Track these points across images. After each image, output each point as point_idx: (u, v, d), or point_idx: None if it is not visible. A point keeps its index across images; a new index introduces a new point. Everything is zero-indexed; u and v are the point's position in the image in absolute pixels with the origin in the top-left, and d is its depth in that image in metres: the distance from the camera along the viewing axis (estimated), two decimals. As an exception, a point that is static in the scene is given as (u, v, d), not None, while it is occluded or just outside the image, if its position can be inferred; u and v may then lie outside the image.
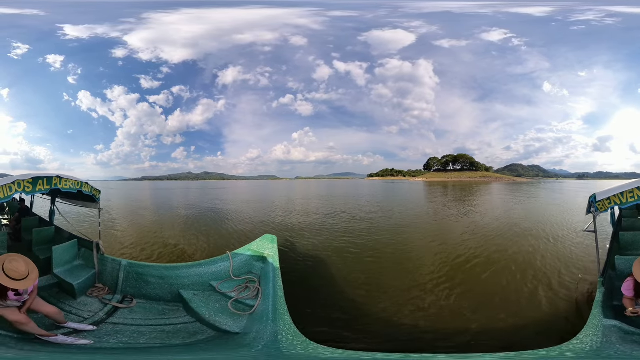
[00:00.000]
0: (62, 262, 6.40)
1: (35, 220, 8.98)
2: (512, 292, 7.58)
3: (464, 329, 6.06)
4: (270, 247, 6.85)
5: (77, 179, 6.24)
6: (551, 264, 9.31)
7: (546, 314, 6.54)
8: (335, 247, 11.68)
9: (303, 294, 6.90)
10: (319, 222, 17.41)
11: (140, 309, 5.72)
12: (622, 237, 6.80)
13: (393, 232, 14.30)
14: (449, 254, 10.50)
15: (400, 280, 8.39)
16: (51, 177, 5.58)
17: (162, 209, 25.86)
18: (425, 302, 7.19)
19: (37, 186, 5.33)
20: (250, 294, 5.77)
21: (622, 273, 5.33)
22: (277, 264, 6.18)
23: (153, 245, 12.40)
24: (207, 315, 5.31)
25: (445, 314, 6.72)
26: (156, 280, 6.18)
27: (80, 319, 5.26)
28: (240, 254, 6.78)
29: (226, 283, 6.19)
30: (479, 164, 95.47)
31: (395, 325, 6.34)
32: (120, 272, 6.37)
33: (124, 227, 16.14)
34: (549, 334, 5.70)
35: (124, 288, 6.22)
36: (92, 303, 5.79)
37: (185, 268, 6.40)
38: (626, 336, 4.17)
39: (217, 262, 6.55)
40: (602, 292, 4.98)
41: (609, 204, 5.10)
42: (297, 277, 8.33)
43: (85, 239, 7.03)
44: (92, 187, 6.71)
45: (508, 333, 5.94)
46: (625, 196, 4.89)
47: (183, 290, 6.00)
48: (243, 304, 5.57)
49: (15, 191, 4.97)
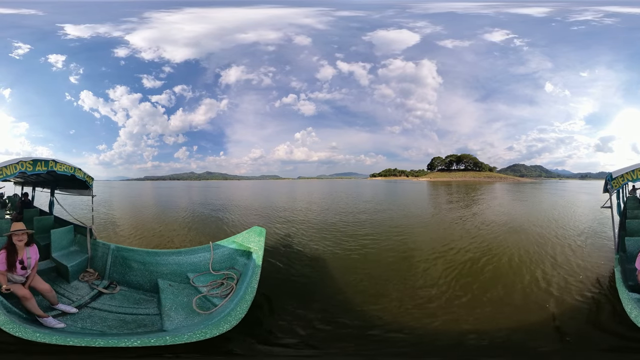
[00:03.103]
0: (59, 246, 6.88)
1: (36, 211, 9.66)
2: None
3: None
4: (256, 240, 6.19)
5: (70, 165, 6.76)
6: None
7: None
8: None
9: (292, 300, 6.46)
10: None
11: (120, 296, 5.87)
12: (629, 225, 7.28)
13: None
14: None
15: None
16: (48, 160, 6.29)
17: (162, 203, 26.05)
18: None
19: (37, 167, 6.06)
20: (220, 292, 5.42)
21: (632, 254, 5.82)
22: (259, 261, 5.66)
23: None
24: (166, 308, 5.15)
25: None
26: (138, 266, 6.31)
27: (69, 301, 5.62)
28: (223, 245, 6.36)
29: (203, 277, 5.97)
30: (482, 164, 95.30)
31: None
32: (108, 257, 6.61)
33: (120, 214, 16.49)
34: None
35: (110, 274, 6.53)
36: (82, 287, 6.10)
37: (165, 255, 6.35)
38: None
39: (197, 252, 6.29)
40: (619, 269, 5.42)
41: (622, 181, 5.91)
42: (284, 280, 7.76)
43: (80, 226, 7.47)
44: (85, 173, 7.11)
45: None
46: (636, 173, 5.71)
47: (160, 280, 6.00)
48: (209, 302, 5.29)
49: (18, 170, 5.74)
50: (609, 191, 6.36)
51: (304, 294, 7.07)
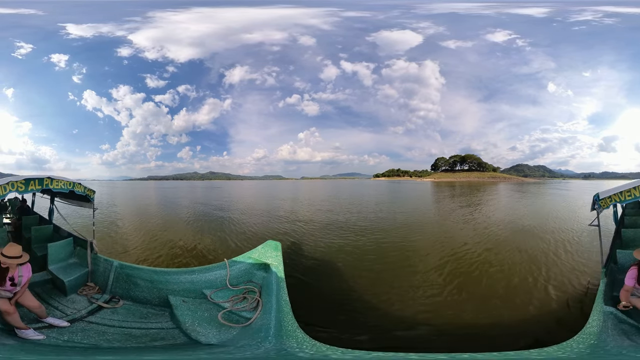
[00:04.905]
0: (57, 259, 6.55)
1: (35, 218, 9.17)
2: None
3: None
4: (273, 254, 6.35)
5: (68, 180, 6.37)
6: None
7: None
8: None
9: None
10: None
11: (124, 311, 5.67)
12: (624, 234, 7.12)
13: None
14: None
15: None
16: (42, 178, 5.84)
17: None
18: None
19: (29, 186, 5.63)
20: (247, 306, 5.41)
21: (623, 266, 5.76)
22: (281, 274, 5.71)
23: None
24: (188, 323, 5.07)
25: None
26: (145, 284, 6.09)
27: (63, 315, 5.32)
28: (239, 261, 6.38)
29: (221, 292, 5.89)
30: (486, 164, 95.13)
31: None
32: (111, 273, 6.35)
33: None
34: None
35: (113, 288, 6.23)
36: (80, 301, 5.83)
37: (176, 274, 6.23)
38: (619, 324, 4.50)
39: (213, 270, 6.26)
40: (605, 282, 5.36)
41: (610, 202, 5.74)
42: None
43: (80, 238, 7.10)
44: (85, 187, 6.77)
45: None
46: (623, 195, 5.53)
47: (172, 296, 5.83)
48: (237, 316, 5.23)
49: (9, 191, 5.26)
50: (596, 210, 6.18)
51: (332, 301, 7.11)
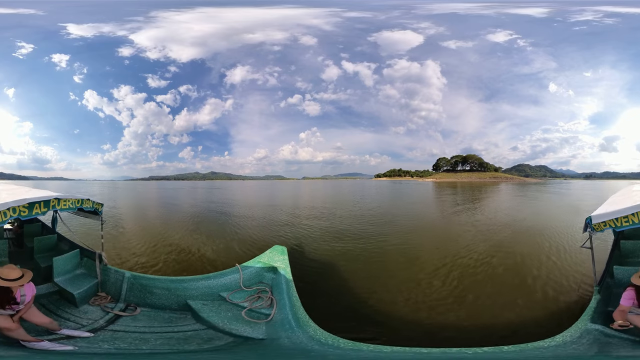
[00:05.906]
0: (63, 271, 6.31)
1: (38, 226, 8.75)
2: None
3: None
4: (280, 258, 6.81)
5: (76, 197, 5.96)
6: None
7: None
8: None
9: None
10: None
11: (144, 317, 5.62)
12: (623, 246, 6.91)
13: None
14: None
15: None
16: (48, 200, 5.31)
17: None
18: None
19: (34, 210, 5.07)
20: (263, 304, 5.80)
21: (620, 282, 5.53)
22: (289, 275, 6.16)
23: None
24: (219, 323, 5.29)
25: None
26: (162, 292, 6.08)
27: (79, 325, 5.12)
28: (249, 266, 6.72)
29: (237, 294, 6.13)
30: (488, 164, 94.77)
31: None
32: (123, 283, 6.23)
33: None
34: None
35: (127, 297, 6.12)
36: (94, 311, 5.69)
37: (192, 280, 6.29)
38: (605, 338, 4.33)
39: (226, 275, 6.53)
40: (597, 299, 5.16)
41: (605, 227, 5.18)
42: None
43: (87, 249, 6.85)
44: (94, 201, 6.43)
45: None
46: (620, 221, 4.92)
47: (191, 301, 5.90)
48: (257, 313, 5.59)
49: (10, 216, 4.68)
50: (589, 232, 5.73)
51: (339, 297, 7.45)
